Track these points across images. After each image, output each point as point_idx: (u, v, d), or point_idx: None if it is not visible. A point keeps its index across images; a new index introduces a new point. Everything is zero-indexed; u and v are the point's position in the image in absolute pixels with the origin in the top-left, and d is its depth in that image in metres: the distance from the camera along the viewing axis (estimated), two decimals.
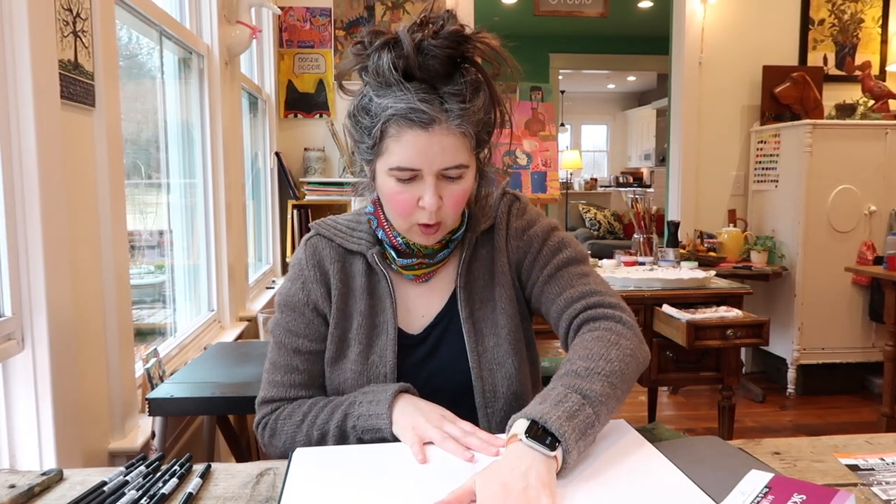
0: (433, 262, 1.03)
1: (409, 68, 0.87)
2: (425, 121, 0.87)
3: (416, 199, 0.92)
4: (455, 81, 0.89)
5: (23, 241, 1.19)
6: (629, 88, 11.58)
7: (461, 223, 1.04)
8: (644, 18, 6.81)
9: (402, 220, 0.96)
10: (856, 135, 3.50)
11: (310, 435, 0.97)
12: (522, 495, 0.70)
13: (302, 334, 1.03)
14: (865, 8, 3.91)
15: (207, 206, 2.43)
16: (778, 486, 0.73)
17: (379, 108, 0.89)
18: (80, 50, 1.36)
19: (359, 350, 1.01)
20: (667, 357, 2.28)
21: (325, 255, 1.04)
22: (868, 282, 3.50)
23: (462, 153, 0.91)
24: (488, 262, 1.05)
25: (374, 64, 0.88)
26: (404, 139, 0.88)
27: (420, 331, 1.04)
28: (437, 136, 0.88)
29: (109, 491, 0.80)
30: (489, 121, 0.95)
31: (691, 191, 3.95)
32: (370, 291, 1.03)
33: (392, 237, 1.01)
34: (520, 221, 1.06)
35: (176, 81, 2.28)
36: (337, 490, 0.78)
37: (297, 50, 3.78)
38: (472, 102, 0.89)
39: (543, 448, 0.76)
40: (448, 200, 0.93)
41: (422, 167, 0.90)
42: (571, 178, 9.66)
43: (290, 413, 1.00)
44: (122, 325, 1.50)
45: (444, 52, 0.86)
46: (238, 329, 2.51)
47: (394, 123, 0.88)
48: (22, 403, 1.21)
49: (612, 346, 0.90)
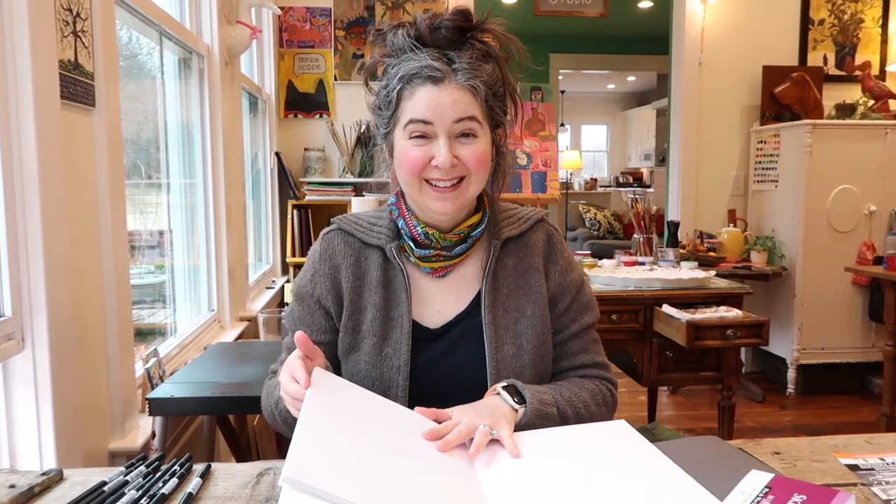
0: (451, 256, 1.04)
1: (421, 37, 0.96)
2: (436, 76, 0.94)
3: (429, 157, 0.96)
4: (464, 49, 0.96)
5: (23, 241, 1.19)
6: (629, 88, 11.58)
7: (481, 219, 1.05)
8: (644, 18, 6.81)
9: (414, 178, 0.97)
10: (856, 135, 3.50)
11: (269, 395, 1.06)
12: (489, 415, 0.88)
13: (306, 323, 1.07)
14: (865, 8, 3.91)
15: (207, 206, 2.43)
16: (778, 486, 0.73)
17: (393, 75, 0.97)
18: (81, 50, 1.36)
19: (373, 342, 1.03)
20: (667, 357, 2.28)
21: (339, 249, 1.06)
22: (868, 282, 3.50)
23: (473, 107, 0.95)
24: (515, 275, 1.07)
25: (390, 40, 0.98)
26: (417, 96, 0.95)
27: (437, 326, 1.05)
28: (448, 90, 0.94)
29: (109, 491, 0.80)
30: (500, 94, 1.00)
31: (691, 191, 3.95)
32: (385, 285, 1.05)
33: (412, 227, 1.03)
34: (562, 259, 1.11)
35: (176, 81, 2.28)
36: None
37: (297, 50, 3.78)
38: (480, 64, 0.96)
39: (511, 400, 0.94)
40: (468, 159, 0.96)
41: (433, 120, 0.94)
42: (571, 178, 9.66)
43: (272, 379, 1.09)
44: (122, 324, 1.50)
45: (454, 23, 0.95)
46: (238, 329, 2.51)
47: (408, 85, 0.95)
48: (22, 403, 1.21)
49: (596, 399, 1.06)
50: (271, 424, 1.07)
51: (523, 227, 1.09)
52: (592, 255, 2.73)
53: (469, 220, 1.04)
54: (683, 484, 0.76)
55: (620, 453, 0.85)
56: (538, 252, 1.09)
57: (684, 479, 0.77)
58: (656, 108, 10.31)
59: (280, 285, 3.46)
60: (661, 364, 2.28)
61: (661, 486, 0.76)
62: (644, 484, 0.77)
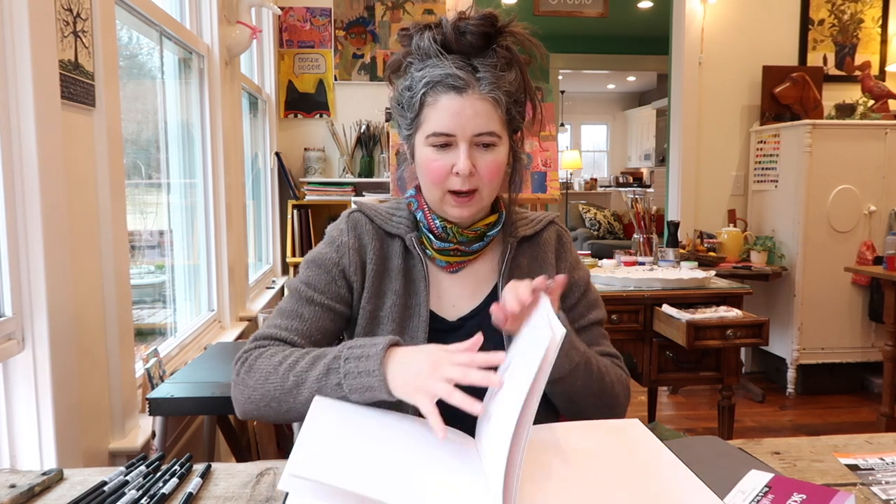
0: (468, 252, 1.06)
1: (446, 42, 0.96)
2: (460, 85, 0.95)
3: (451, 165, 0.97)
4: (488, 56, 0.97)
5: (23, 241, 1.19)
6: (629, 88, 11.59)
7: (497, 219, 1.07)
8: (644, 18, 6.81)
9: (436, 188, 1.00)
10: (855, 135, 3.50)
11: (285, 378, 0.92)
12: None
13: (320, 289, 1.03)
14: (865, 8, 3.91)
15: (207, 206, 2.43)
16: (778, 486, 0.73)
17: (418, 79, 0.98)
18: (81, 50, 1.36)
19: (391, 329, 1.03)
20: (667, 357, 2.28)
21: (366, 230, 1.07)
22: (868, 282, 3.50)
23: (493, 121, 0.97)
24: (529, 273, 1.09)
25: (416, 42, 0.98)
26: (440, 104, 0.96)
27: (454, 319, 1.07)
28: (470, 101, 0.95)
29: (109, 491, 0.80)
30: (521, 100, 1.02)
31: (691, 191, 3.95)
32: (405, 273, 1.06)
33: (430, 220, 1.05)
34: (571, 257, 1.15)
35: (176, 81, 2.28)
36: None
37: (297, 50, 3.78)
38: (503, 73, 0.97)
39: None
40: (483, 170, 0.98)
41: (455, 132, 0.96)
42: (571, 178, 9.67)
43: (273, 353, 0.96)
44: (122, 324, 1.50)
45: (479, 28, 0.95)
46: (238, 329, 2.51)
47: (431, 91, 0.97)
48: (22, 403, 1.21)
49: (614, 372, 1.08)
50: (251, 398, 0.94)
51: (537, 227, 1.13)
52: (592, 255, 2.74)
53: (486, 220, 1.07)
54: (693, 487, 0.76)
55: (631, 451, 0.85)
56: (550, 250, 1.13)
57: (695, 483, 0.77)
58: (656, 108, 10.31)
59: (280, 285, 3.46)
60: (661, 364, 2.29)
61: (670, 488, 0.76)
62: (653, 483, 0.77)
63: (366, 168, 3.75)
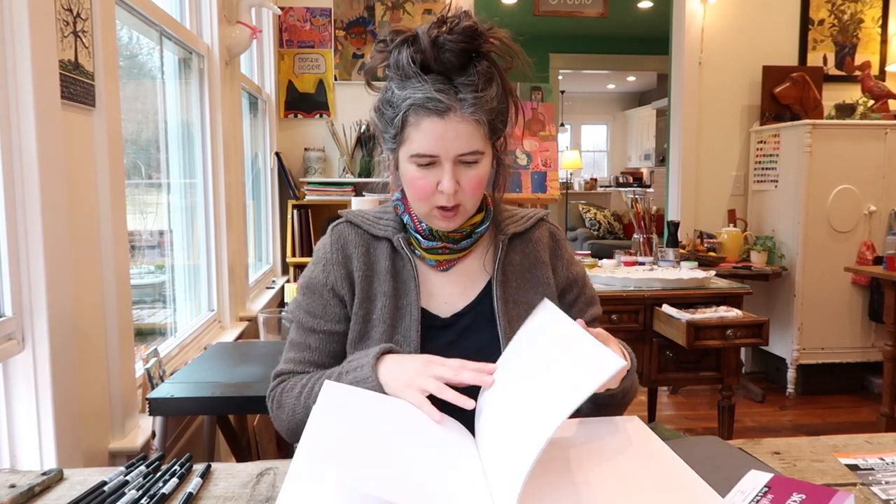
0: (457, 250, 1.07)
1: (426, 61, 0.95)
2: (441, 109, 0.94)
3: (436, 183, 0.98)
4: (469, 73, 0.96)
5: (23, 241, 1.19)
6: (629, 88, 11.58)
7: (484, 218, 1.08)
8: (644, 18, 6.81)
9: (423, 204, 1.01)
10: (855, 135, 3.50)
11: (307, 406, 0.99)
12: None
13: (318, 315, 1.07)
14: (865, 8, 3.91)
15: (207, 207, 2.43)
16: (777, 486, 0.73)
17: (399, 99, 0.97)
18: (81, 50, 1.36)
19: (383, 329, 1.04)
20: (667, 357, 2.28)
21: (350, 240, 1.08)
22: (868, 282, 3.50)
23: (476, 140, 0.97)
24: (522, 270, 1.11)
25: (394, 59, 0.97)
26: (423, 127, 0.95)
27: (447, 316, 1.08)
28: (453, 124, 0.95)
29: (109, 491, 0.80)
30: (503, 110, 1.01)
31: (691, 191, 3.95)
32: (394, 274, 1.07)
33: (417, 223, 1.06)
34: (567, 254, 1.16)
35: (176, 81, 2.28)
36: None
37: (297, 50, 3.78)
38: (484, 92, 0.96)
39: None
40: (466, 185, 0.99)
41: (439, 153, 0.96)
42: (571, 178, 9.67)
43: (293, 386, 1.04)
44: (122, 324, 1.50)
45: (459, 45, 0.94)
46: (238, 329, 2.51)
47: (413, 112, 0.96)
48: (22, 403, 1.21)
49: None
50: (290, 428, 1.03)
51: (527, 224, 1.13)
52: (592, 255, 2.74)
53: (472, 220, 1.07)
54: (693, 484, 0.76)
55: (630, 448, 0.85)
56: (543, 247, 1.13)
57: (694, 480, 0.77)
58: (656, 108, 10.31)
59: (280, 285, 3.46)
60: (661, 364, 2.29)
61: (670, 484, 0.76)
62: (652, 480, 0.77)
63: (366, 168, 3.75)
